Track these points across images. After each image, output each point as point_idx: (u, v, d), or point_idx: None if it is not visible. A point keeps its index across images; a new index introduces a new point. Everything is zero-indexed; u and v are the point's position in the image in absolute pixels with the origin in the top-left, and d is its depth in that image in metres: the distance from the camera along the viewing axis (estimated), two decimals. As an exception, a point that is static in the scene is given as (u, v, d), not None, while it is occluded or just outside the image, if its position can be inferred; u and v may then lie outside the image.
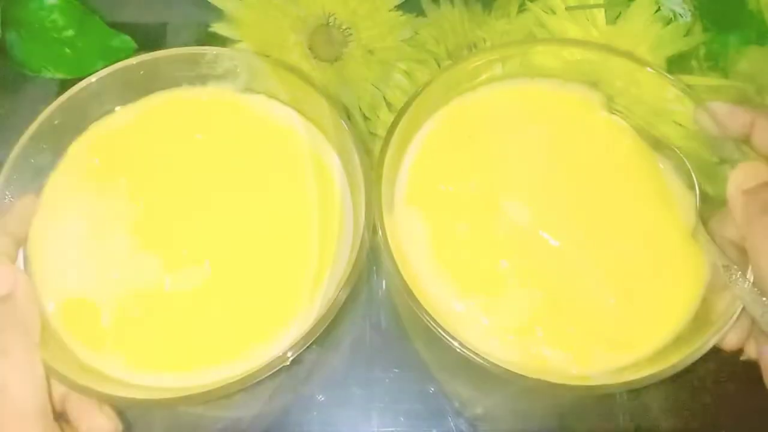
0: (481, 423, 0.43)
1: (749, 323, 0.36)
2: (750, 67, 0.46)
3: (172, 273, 0.38)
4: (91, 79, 0.39)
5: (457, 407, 0.43)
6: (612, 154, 0.42)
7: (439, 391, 0.44)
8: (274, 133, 0.42)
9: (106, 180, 0.40)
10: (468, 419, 0.43)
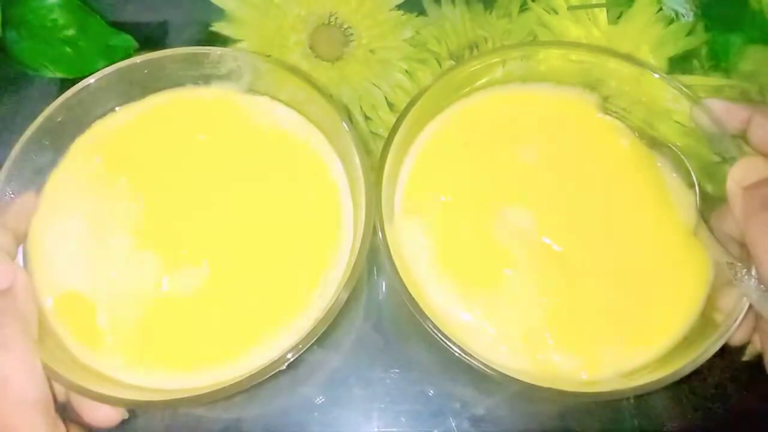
0: (483, 423, 0.43)
1: (754, 317, 0.35)
2: (752, 67, 0.46)
3: (171, 273, 0.38)
4: (95, 77, 0.39)
5: (458, 408, 0.43)
6: (610, 155, 0.42)
7: (440, 392, 0.43)
8: (276, 135, 0.42)
9: (107, 179, 0.40)
10: (469, 420, 0.43)
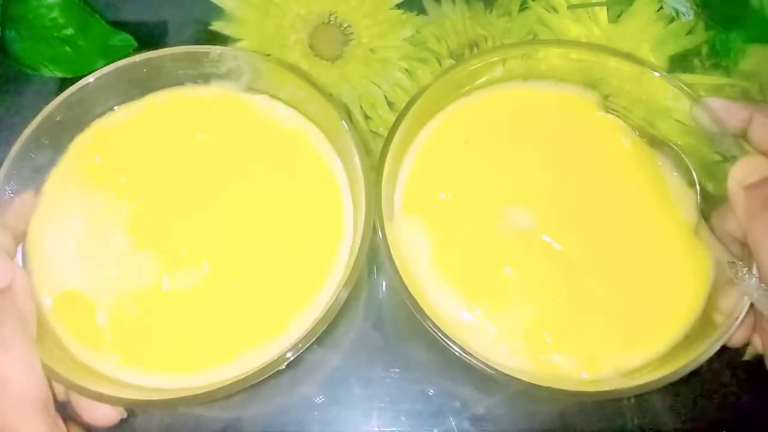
0: (483, 423, 0.43)
1: (753, 317, 0.35)
2: (753, 66, 0.46)
3: (170, 272, 0.38)
4: (94, 76, 0.39)
5: (459, 407, 0.43)
6: (611, 154, 0.41)
7: (440, 391, 0.43)
8: (275, 133, 0.42)
9: (106, 178, 0.40)
10: (469, 419, 0.43)
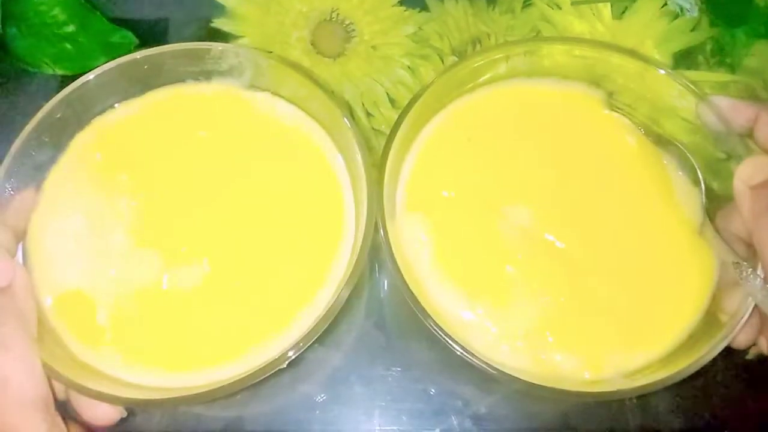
0: (484, 422, 0.43)
1: (759, 319, 0.35)
2: (757, 62, 0.46)
3: (171, 271, 0.37)
4: (95, 74, 0.39)
5: (460, 406, 0.43)
6: (616, 152, 0.41)
7: (442, 390, 0.43)
8: (277, 131, 0.42)
9: (107, 175, 0.39)
10: (471, 418, 0.43)
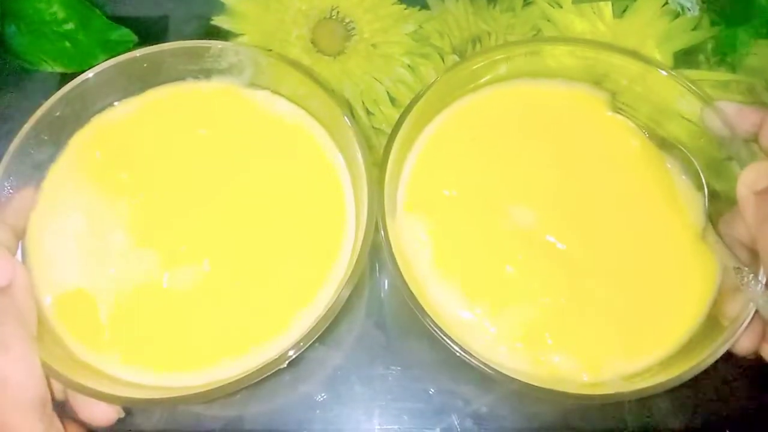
0: (485, 421, 0.42)
1: (762, 326, 0.35)
2: (758, 62, 0.46)
3: (171, 270, 0.37)
4: (94, 72, 0.39)
5: (461, 405, 0.43)
6: (619, 155, 0.41)
7: (442, 390, 0.43)
8: (277, 129, 0.41)
9: (106, 174, 0.39)
10: (471, 417, 0.42)
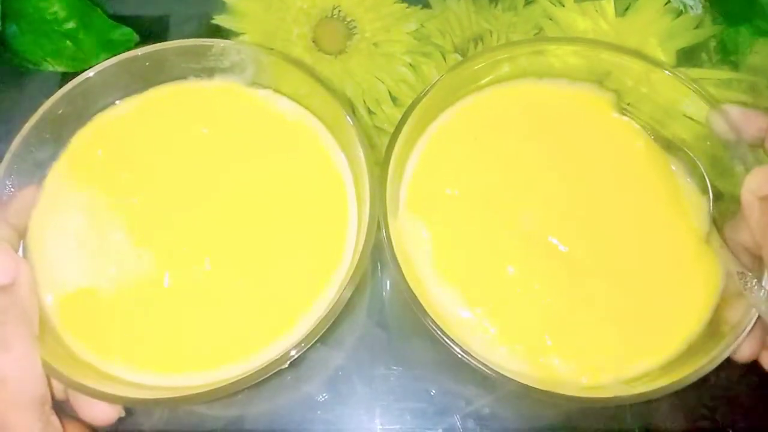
0: (487, 421, 0.42)
1: (763, 333, 0.35)
2: (761, 60, 0.45)
3: (172, 269, 0.37)
4: (96, 70, 0.39)
5: (463, 405, 0.43)
6: (623, 156, 0.41)
7: (444, 390, 0.43)
8: (279, 128, 0.41)
9: (108, 172, 0.39)
10: (473, 418, 0.42)
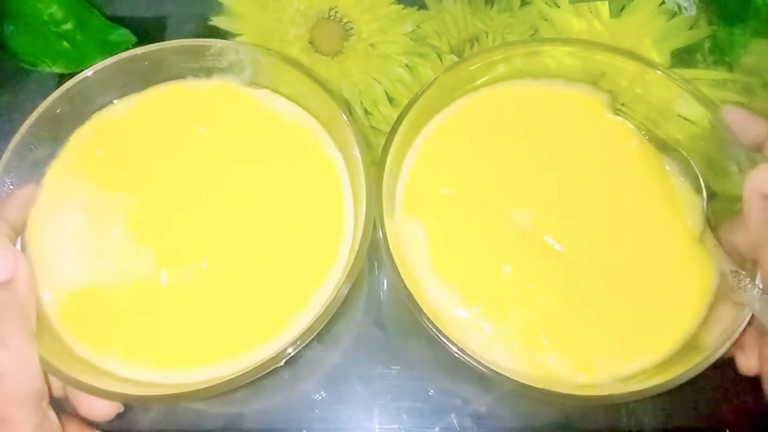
0: (484, 420, 0.42)
1: (763, 343, 0.35)
2: (756, 61, 0.46)
3: (169, 267, 0.37)
4: (94, 69, 0.39)
5: (460, 404, 0.43)
6: (618, 156, 0.41)
7: (442, 389, 0.43)
8: (277, 128, 0.41)
9: (106, 171, 0.39)
10: (471, 417, 0.42)
